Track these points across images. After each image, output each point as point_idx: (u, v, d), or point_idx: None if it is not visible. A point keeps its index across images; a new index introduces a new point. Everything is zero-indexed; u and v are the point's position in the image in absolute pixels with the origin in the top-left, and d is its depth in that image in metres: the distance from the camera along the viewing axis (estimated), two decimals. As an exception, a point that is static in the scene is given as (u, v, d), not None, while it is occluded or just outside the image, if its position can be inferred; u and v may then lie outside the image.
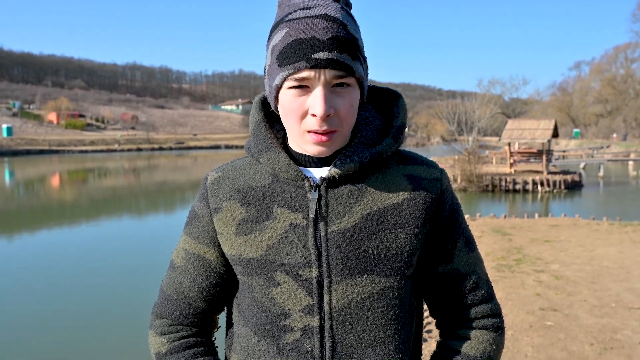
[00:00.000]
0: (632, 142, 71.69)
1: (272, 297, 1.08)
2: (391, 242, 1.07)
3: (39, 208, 23.98)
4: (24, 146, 73.09)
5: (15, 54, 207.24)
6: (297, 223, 1.07)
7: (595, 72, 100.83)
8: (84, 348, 7.23)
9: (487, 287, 1.18)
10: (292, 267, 1.06)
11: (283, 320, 1.07)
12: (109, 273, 11.14)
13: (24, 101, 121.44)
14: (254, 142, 1.14)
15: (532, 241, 10.96)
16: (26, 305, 9.09)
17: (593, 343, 5.19)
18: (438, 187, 1.12)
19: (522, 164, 31.22)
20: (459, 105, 39.45)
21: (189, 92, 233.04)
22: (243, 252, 1.10)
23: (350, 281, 1.05)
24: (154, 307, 1.24)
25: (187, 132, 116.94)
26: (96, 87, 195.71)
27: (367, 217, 1.07)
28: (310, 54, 0.97)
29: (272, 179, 1.11)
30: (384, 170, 1.11)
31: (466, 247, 1.16)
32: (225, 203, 1.13)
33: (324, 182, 1.08)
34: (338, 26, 0.98)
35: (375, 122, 1.15)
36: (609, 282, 7.50)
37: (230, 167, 1.19)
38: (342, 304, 1.05)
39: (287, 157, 1.09)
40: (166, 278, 1.23)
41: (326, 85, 0.99)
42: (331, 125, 1.02)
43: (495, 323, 1.16)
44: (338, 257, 1.05)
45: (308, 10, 1.00)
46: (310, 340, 1.06)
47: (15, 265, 12.18)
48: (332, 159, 1.10)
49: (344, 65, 0.98)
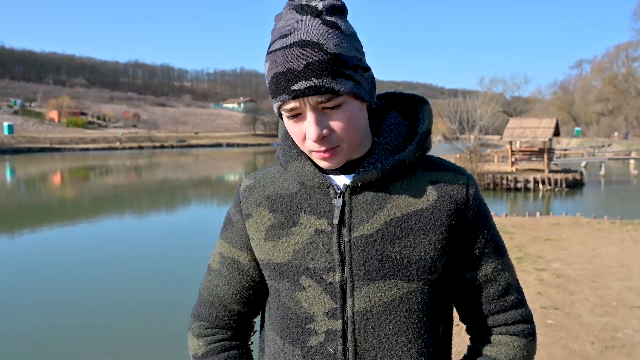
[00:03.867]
0: (633, 140, 71.59)
1: (297, 300, 1.11)
2: (415, 248, 1.07)
3: (40, 206, 24.01)
4: (25, 144, 73.20)
5: (16, 52, 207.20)
6: (322, 229, 1.09)
7: (597, 71, 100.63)
8: (85, 346, 7.24)
9: (517, 292, 1.17)
10: (316, 272, 1.08)
11: (308, 324, 1.10)
12: (111, 271, 11.15)
13: (25, 99, 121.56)
14: (282, 152, 1.17)
15: (533, 240, 10.96)
16: (27, 302, 9.10)
17: (594, 342, 5.20)
18: (464, 193, 1.12)
19: (523, 163, 31.22)
20: (460, 104, 39.43)
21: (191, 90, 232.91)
22: (271, 257, 1.13)
23: (373, 285, 1.06)
24: (193, 309, 1.28)
25: (188, 130, 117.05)
26: (98, 85, 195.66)
27: (390, 222, 1.07)
28: (289, 86, 0.98)
29: (299, 186, 1.14)
30: (409, 176, 1.11)
31: (495, 253, 1.15)
32: (255, 209, 1.17)
33: (348, 190, 1.09)
34: (312, 50, 0.97)
35: (400, 128, 1.15)
36: (610, 280, 7.50)
37: (261, 175, 1.22)
38: (364, 308, 1.07)
39: (312, 165, 1.11)
40: (204, 281, 1.27)
41: (315, 110, 1.01)
42: (331, 143, 1.03)
43: (527, 329, 1.16)
44: (361, 262, 1.07)
45: (285, 38, 1.00)
46: (334, 343, 1.08)
47: (16, 263, 12.20)
48: (356, 165, 1.11)
49: (324, 89, 0.98)
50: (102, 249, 13.43)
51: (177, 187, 32.16)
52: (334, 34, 1.00)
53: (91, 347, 7.15)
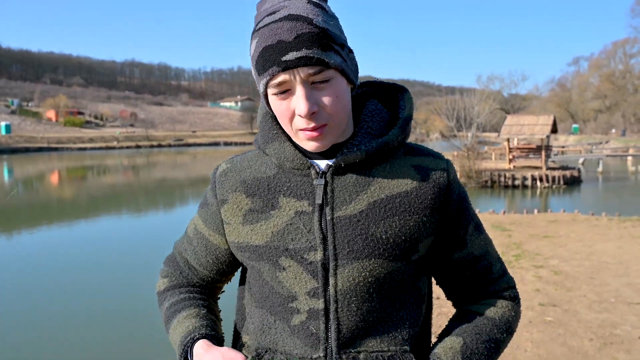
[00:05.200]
0: (630, 137, 71.65)
1: (279, 280, 1.10)
2: (400, 228, 1.08)
3: (38, 205, 23.95)
4: (23, 144, 72.95)
5: (13, 52, 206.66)
6: (303, 210, 1.09)
7: (594, 68, 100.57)
8: (84, 346, 7.23)
9: (500, 263, 1.24)
10: (296, 252, 1.08)
11: (290, 303, 1.10)
12: (109, 270, 11.13)
13: (22, 99, 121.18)
14: (261, 134, 1.18)
15: (531, 237, 10.97)
16: (25, 303, 9.08)
17: (592, 338, 5.20)
18: (445, 177, 1.14)
19: (521, 160, 31.22)
20: (458, 101, 39.42)
21: (188, 89, 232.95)
22: (250, 240, 1.13)
23: (357, 265, 1.06)
24: (166, 258, 1.37)
25: (186, 129, 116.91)
26: (95, 85, 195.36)
27: (374, 204, 1.08)
28: (280, 57, 0.98)
29: (277, 169, 1.14)
30: (391, 160, 1.13)
31: (476, 231, 1.20)
32: (231, 195, 1.17)
33: (330, 170, 1.09)
34: (302, 23, 0.98)
35: (382, 114, 1.17)
36: (608, 277, 7.51)
37: (238, 160, 1.22)
38: (347, 287, 1.07)
39: (292, 147, 1.11)
40: (180, 238, 1.35)
41: (305, 84, 1.01)
42: (319, 120, 1.03)
43: (512, 293, 1.23)
44: (345, 240, 1.07)
45: (273, 15, 1.01)
46: (316, 322, 1.08)
47: (14, 263, 12.17)
48: (337, 150, 1.11)
49: (315, 60, 0.98)
50: (100, 249, 13.40)
51: (174, 186, 32.14)
52: (321, 12, 1.03)
53: (90, 347, 7.14)
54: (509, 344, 1.21)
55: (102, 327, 7.78)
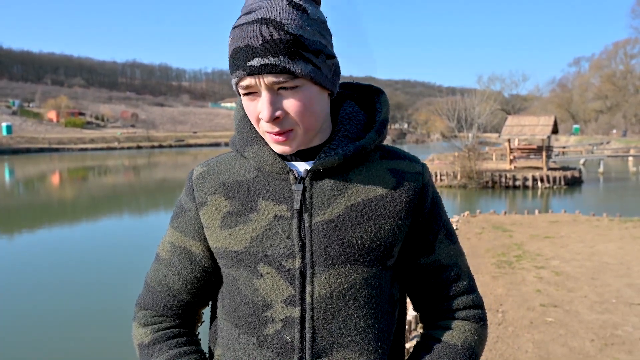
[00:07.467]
0: (631, 138, 71.63)
1: (255, 288, 1.08)
2: (375, 233, 1.07)
3: (39, 206, 23.97)
4: (24, 144, 73.01)
5: (14, 52, 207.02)
6: (281, 215, 1.08)
7: (595, 68, 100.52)
8: (84, 346, 7.23)
9: (468, 278, 1.18)
10: (275, 258, 1.06)
11: (265, 312, 1.07)
12: (110, 271, 11.14)
13: (23, 99, 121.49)
14: (239, 137, 1.15)
15: (532, 237, 10.97)
16: (26, 303, 9.09)
17: (594, 339, 5.20)
18: (420, 180, 1.14)
19: (522, 161, 31.21)
20: (458, 102, 39.33)
21: (189, 90, 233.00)
22: (228, 245, 1.10)
23: (333, 271, 1.05)
24: (137, 299, 1.24)
25: (187, 130, 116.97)
26: (96, 85, 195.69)
27: (351, 208, 1.07)
28: (246, 62, 0.97)
29: (256, 172, 1.12)
30: (367, 164, 1.12)
31: (447, 239, 1.17)
32: (210, 197, 1.14)
33: (309, 175, 1.08)
34: (272, 28, 0.96)
35: (358, 117, 1.16)
36: (609, 278, 7.50)
37: (215, 162, 1.19)
38: (324, 295, 1.05)
39: (271, 150, 1.10)
40: (151, 271, 1.23)
41: (270, 90, 0.99)
42: (284, 125, 1.02)
43: (477, 314, 1.17)
44: (321, 247, 1.05)
45: (248, 15, 0.99)
46: (291, 331, 1.05)
47: (15, 264, 12.18)
48: (315, 153, 1.11)
49: (279, 68, 0.96)
50: (101, 249, 13.41)
51: (175, 187, 32.11)
52: (299, 16, 0.99)
53: (90, 347, 7.15)
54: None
55: (103, 327, 7.78)
